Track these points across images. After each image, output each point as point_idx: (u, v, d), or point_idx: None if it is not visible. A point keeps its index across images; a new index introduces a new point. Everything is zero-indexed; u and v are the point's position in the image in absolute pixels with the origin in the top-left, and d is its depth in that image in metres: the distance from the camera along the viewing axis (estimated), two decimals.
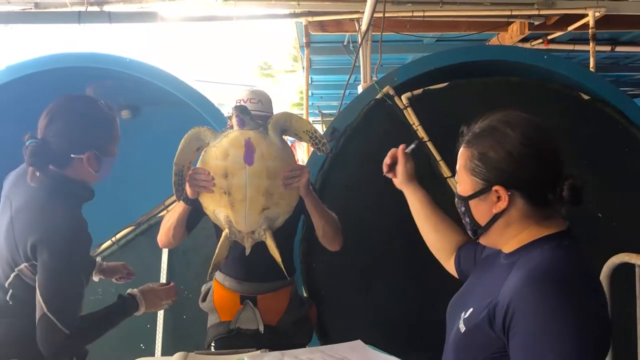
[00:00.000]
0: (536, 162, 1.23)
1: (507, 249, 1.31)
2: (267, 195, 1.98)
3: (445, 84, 2.90)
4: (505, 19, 4.97)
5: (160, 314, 3.10)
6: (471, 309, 1.28)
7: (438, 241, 1.67)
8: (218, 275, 2.33)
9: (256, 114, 2.13)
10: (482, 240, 1.36)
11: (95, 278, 2.26)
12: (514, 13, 4.59)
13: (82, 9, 4.48)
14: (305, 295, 2.87)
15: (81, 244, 1.80)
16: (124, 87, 3.37)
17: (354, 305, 2.94)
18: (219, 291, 2.33)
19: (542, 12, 4.60)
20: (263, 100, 2.28)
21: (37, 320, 1.69)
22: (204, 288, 2.44)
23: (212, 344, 2.27)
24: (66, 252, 1.72)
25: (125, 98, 3.60)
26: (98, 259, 2.27)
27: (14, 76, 3.09)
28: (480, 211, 1.30)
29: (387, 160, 1.76)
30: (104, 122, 1.88)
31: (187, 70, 23.16)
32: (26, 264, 1.73)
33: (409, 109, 2.88)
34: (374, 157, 2.91)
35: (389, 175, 1.77)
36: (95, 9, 4.52)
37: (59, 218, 1.74)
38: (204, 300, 2.39)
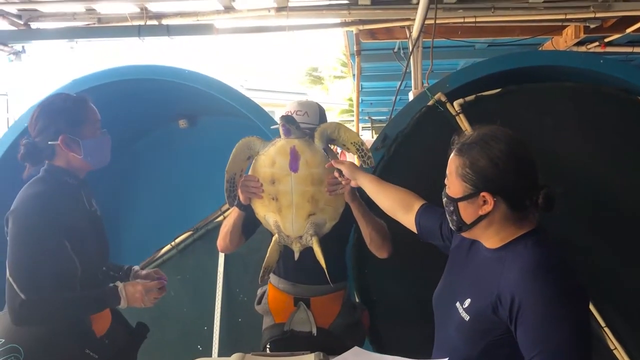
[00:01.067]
0: (517, 173, 1.46)
1: (490, 244, 1.54)
2: (313, 201, 2.06)
3: (498, 90, 2.89)
4: (560, 23, 4.87)
5: (217, 317, 3.19)
6: (468, 300, 1.51)
7: (395, 203, 1.95)
8: (272, 278, 2.39)
9: (302, 126, 2.19)
10: (464, 234, 1.58)
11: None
12: (568, 17, 4.48)
13: (142, 23, 4.67)
14: (357, 300, 2.90)
15: (50, 220, 1.87)
16: (182, 98, 3.49)
17: (406, 311, 2.95)
18: (273, 293, 2.39)
19: (598, 15, 4.46)
20: (309, 112, 2.32)
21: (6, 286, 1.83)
22: (259, 291, 2.51)
23: (267, 346, 2.33)
24: (31, 221, 1.85)
25: (183, 108, 3.74)
26: (135, 266, 2.35)
27: (78, 89, 3.26)
28: (468, 212, 1.51)
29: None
30: (69, 107, 2.03)
31: (239, 79, 23.58)
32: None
33: (461, 115, 2.88)
34: (426, 163, 2.95)
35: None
36: (154, 22, 4.71)
37: (31, 194, 1.91)
38: (259, 303, 2.46)
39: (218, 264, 3.24)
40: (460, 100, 2.88)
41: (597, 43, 5.42)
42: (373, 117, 12.11)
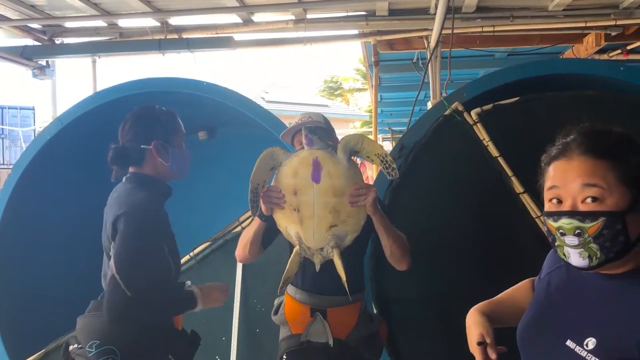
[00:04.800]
0: None
1: (612, 268, 1.21)
2: (334, 212, 2.04)
3: (516, 98, 2.86)
4: (580, 31, 4.83)
5: (235, 328, 3.19)
6: (592, 339, 1.19)
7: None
8: (289, 289, 2.39)
9: (310, 126, 2.21)
10: (611, 265, 1.20)
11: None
12: (588, 24, 4.44)
13: (162, 37, 4.75)
14: (375, 311, 2.89)
15: (158, 224, 1.98)
16: (201, 110, 3.53)
17: (424, 323, 2.92)
18: (290, 304, 2.39)
19: (619, 22, 4.41)
20: (313, 116, 2.43)
21: (107, 284, 1.88)
22: (276, 301, 2.51)
23: (284, 357, 2.32)
24: (141, 223, 1.91)
25: (202, 120, 3.78)
26: (188, 282, 2.31)
27: (102, 101, 3.33)
28: (636, 226, 1.17)
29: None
30: (162, 117, 2.13)
31: (259, 92, 23.74)
32: (112, 243, 1.92)
33: (478, 124, 2.86)
34: (444, 173, 2.95)
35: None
36: (174, 36, 4.78)
37: (139, 199, 1.97)
38: (275, 313, 2.46)
39: (236, 274, 3.25)
40: (478, 110, 2.86)
41: (619, 51, 5.37)
42: (393, 128, 12.07)
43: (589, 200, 1.18)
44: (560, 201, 1.23)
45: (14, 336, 3.29)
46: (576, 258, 1.20)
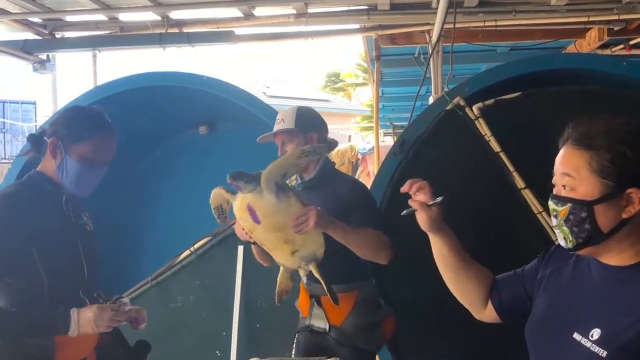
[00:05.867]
0: None
1: (618, 261, 1.26)
2: (289, 242, 2.09)
3: (518, 93, 2.85)
4: (583, 26, 4.81)
5: (235, 322, 3.20)
6: (597, 330, 1.22)
7: (472, 292, 1.57)
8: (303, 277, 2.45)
9: (280, 131, 2.37)
10: (585, 251, 1.28)
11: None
12: (591, 19, 4.41)
13: (163, 31, 4.73)
14: None
15: (17, 222, 1.75)
16: (202, 105, 3.52)
17: (424, 319, 2.91)
18: (301, 291, 2.50)
19: (622, 17, 4.37)
20: (286, 118, 2.40)
21: None
22: None
23: (295, 336, 2.46)
24: None
25: (203, 115, 3.77)
26: (124, 298, 2.14)
27: (102, 95, 3.32)
28: (607, 217, 1.22)
29: (404, 188, 1.58)
30: (84, 122, 1.90)
31: (260, 87, 23.72)
32: None
33: (480, 119, 2.85)
34: (445, 168, 2.93)
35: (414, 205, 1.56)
36: (175, 30, 4.76)
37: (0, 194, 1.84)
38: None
39: (237, 269, 3.25)
40: (480, 105, 2.85)
41: (622, 46, 5.33)
42: (394, 123, 12.06)
43: (563, 188, 1.28)
44: (553, 187, 1.33)
45: None
46: (559, 238, 1.31)
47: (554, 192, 1.31)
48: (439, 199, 1.55)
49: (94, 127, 1.90)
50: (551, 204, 1.31)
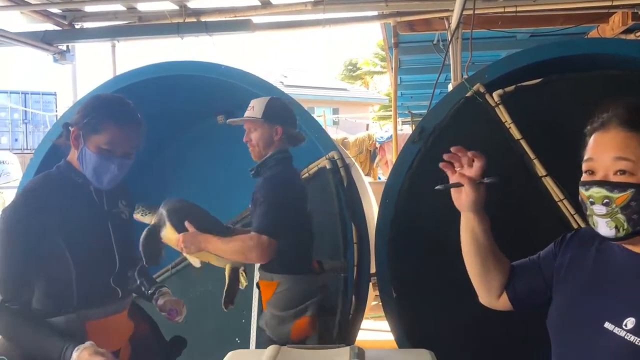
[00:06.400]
0: None
1: None
2: (202, 256, 2.48)
3: (539, 80, 2.80)
4: (606, 10, 4.71)
5: (255, 310, 3.21)
6: (631, 319, 1.19)
7: (493, 279, 1.53)
8: None
9: (247, 118, 2.50)
10: (627, 240, 1.23)
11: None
12: (615, 3, 4.32)
13: (181, 20, 4.74)
14: (394, 295, 2.87)
15: (42, 214, 1.71)
16: (219, 94, 3.53)
17: (444, 309, 2.90)
18: None
19: None
20: (256, 106, 2.51)
21: None
22: None
23: None
24: (19, 213, 1.72)
25: (220, 104, 3.77)
26: (164, 288, 2.27)
27: (121, 85, 3.33)
28: None
29: (448, 156, 1.51)
30: (104, 112, 1.82)
31: (278, 76, 23.71)
32: None
33: (500, 106, 2.81)
34: None
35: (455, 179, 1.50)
36: (193, 20, 4.77)
37: (25, 187, 1.83)
38: None
39: None
40: (500, 91, 2.81)
41: None
42: (413, 111, 11.97)
43: (619, 173, 1.18)
44: (593, 173, 1.24)
45: None
46: (604, 227, 1.21)
47: (601, 178, 1.21)
48: (494, 178, 1.47)
49: (109, 117, 1.81)
50: (599, 191, 1.20)
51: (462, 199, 1.48)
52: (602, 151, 1.23)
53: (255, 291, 3.24)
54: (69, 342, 1.64)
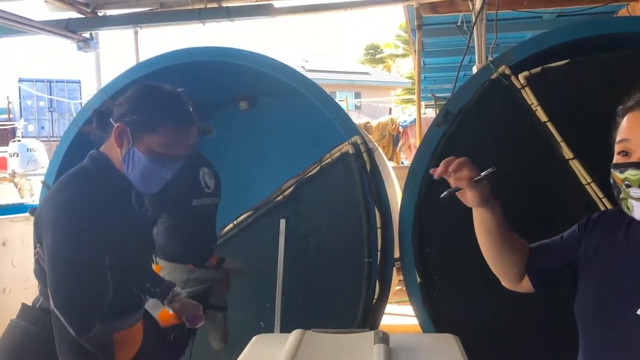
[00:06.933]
0: None
1: None
2: None
3: (566, 61, 2.74)
4: None
5: (279, 295, 3.24)
6: None
7: (512, 265, 1.51)
8: None
9: None
10: None
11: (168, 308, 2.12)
12: None
13: (202, 6, 4.74)
14: (418, 280, 2.86)
15: (95, 234, 1.52)
16: (242, 79, 3.52)
17: (469, 292, 2.89)
18: None
19: None
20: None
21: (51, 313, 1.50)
22: None
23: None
24: (71, 235, 1.49)
25: (243, 90, 3.77)
26: (176, 288, 2.14)
27: (145, 71, 3.34)
28: None
29: (439, 170, 1.48)
30: (158, 110, 1.65)
31: (299, 61, 23.63)
32: (39, 245, 1.56)
33: (526, 88, 2.76)
34: (490, 139, 2.87)
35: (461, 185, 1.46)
36: (214, 5, 4.77)
37: (69, 199, 1.54)
38: None
39: (279, 242, 3.28)
40: (526, 73, 2.76)
41: None
42: (436, 94, 11.84)
43: None
44: (627, 155, 1.20)
45: None
46: None
47: (638, 160, 1.17)
48: (490, 170, 1.45)
49: (166, 116, 1.64)
50: (636, 173, 1.16)
51: (468, 199, 1.48)
52: (638, 131, 1.18)
53: (280, 275, 3.27)
54: None
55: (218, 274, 2.90)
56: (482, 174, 1.44)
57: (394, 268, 3.10)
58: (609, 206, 2.53)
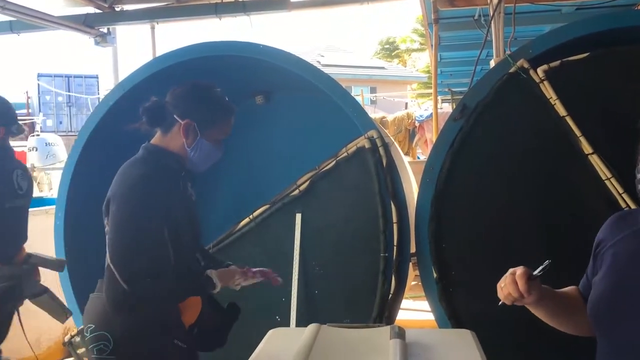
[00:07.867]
0: None
1: None
2: None
3: (586, 54, 2.70)
4: None
5: (295, 289, 3.25)
6: None
7: (580, 323, 1.48)
8: None
9: None
10: None
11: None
12: None
13: (219, 1, 4.75)
14: (435, 275, 2.85)
15: (156, 205, 1.85)
16: (258, 74, 3.53)
17: (486, 288, 2.87)
18: None
19: None
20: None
21: (105, 270, 1.83)
22: None
23: None
24: (134, 208, 1.82)
25: (259, 84, 3.77)
26: (228, 262, 2.32)
27: (162, 66, 3.36)
28: None
29: (510, 293, 1.44)
30: (216, 106, 2.05)
31: (315, 55, 23.60)
32: (106, 219, 1.89)
33: (545, 82, 2.72)
34: (507, 134, 2.84)
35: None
36: (231, 0, 4.78)
37: (137, 176, 1.87)
38: None
39: (295, 236, 3.28)
40: (545, 67, 2.72)
41: None
42: (453, 89, 11.75)
43: None
44: None
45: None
46: None
47: None
48: (546, 264, 1.38)
49: (222, 110, 2.05)
50: None
51: (526, 301, 1.44)
52: None
53: (295, 269, 3.27)
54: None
55: (25, 270, 2.97)
56: (537, 270, 1.39)
57: (410, 263, 3.09)
58: (629, 201, 2.50)
